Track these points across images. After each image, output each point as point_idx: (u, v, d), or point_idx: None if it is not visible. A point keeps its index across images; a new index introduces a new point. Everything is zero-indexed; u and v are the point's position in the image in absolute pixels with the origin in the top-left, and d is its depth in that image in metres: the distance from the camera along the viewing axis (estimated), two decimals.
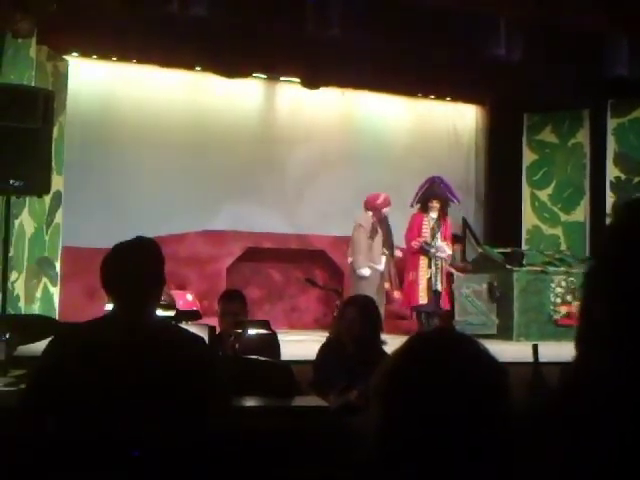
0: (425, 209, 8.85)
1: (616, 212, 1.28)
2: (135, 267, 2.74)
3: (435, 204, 8.82)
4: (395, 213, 9.06)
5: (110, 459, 2.50)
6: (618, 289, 1.18)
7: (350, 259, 8.66)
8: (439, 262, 8.71)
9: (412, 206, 9.01)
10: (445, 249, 8.76)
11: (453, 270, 9.09)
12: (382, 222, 8.72)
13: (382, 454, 1.31)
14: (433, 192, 8.91)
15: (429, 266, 8.68)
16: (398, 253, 9.23)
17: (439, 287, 8.69)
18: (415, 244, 8.73)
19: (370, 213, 8.66)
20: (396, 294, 8.83)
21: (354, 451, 2.37)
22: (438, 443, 1.27)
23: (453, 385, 1.29)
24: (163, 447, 2.53)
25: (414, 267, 8.77)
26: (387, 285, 8.68)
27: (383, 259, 8.68)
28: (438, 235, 8.74)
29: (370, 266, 8.48)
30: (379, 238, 8.61)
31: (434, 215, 8.82)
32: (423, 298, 8.63)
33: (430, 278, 8.66)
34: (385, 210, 8.76)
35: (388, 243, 8.83)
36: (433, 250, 8.67)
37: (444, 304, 8.84)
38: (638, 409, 1.10)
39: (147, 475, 2.53)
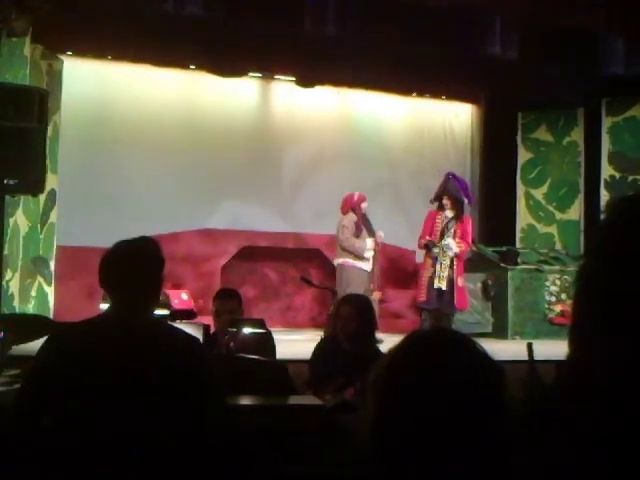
0: (441, 207, 8.74)
1: (609, 208, 1.28)
2: (135, 268, 2.70)
3: (446, 201, 8.67)
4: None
5: (105, 459, 2.49)
6: (611, 285, 1.18)
7: (339, 261, 8.62)
8: (446, 260, 8.59)
9: (432, 202, 8.89)
10: (451, 247, 8.55)
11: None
12: (364, 220, 8.66)
13: (378, 453, 1.31)
14: (445, 189, 8.77)
15: (433, 265, 8.62)
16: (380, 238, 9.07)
17: (443, 286, 8.58)
18: (421, 242, 8.70)
19: (351, 214, 8.63)
20: (375, 295, 8.70)
21: (350, 450, 2.37)
22: (434, 442, 1.27)
23: (449, 383, 1.29)
24: (159, 447, 2.53)
25: (422, 265, 8.78)
26: (372, 285, 8.61)
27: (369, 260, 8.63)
28: (450, 233, 8.61)
29: (358, 265, 8.49)
30: (364, 236, 8.58)
31: (449, 214, 8.66)
32: (423, 296, 8.58)
33: (432, 277, 8.59)
34: (364, 205, 8.68)
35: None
36: (436, 249, 8.57)
37: (458, 303, 8.65)
38: (633, 405, 1.10)
39: (143, 475, 2.53)
